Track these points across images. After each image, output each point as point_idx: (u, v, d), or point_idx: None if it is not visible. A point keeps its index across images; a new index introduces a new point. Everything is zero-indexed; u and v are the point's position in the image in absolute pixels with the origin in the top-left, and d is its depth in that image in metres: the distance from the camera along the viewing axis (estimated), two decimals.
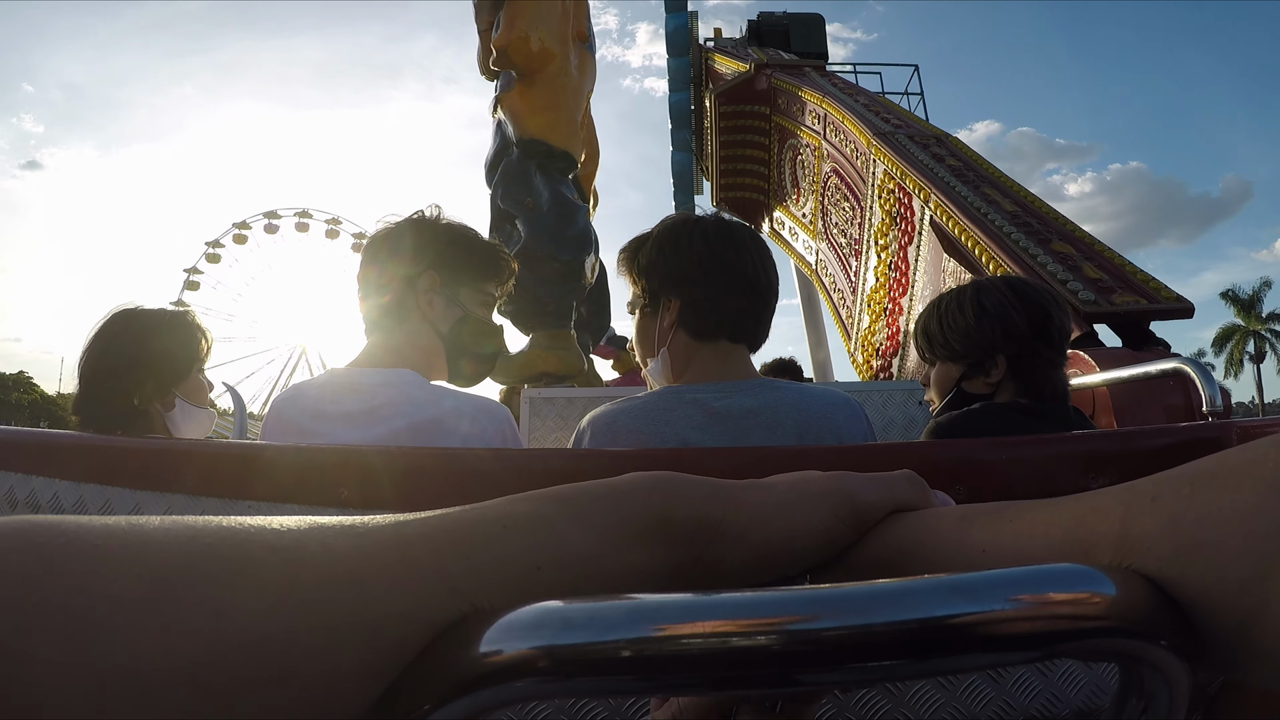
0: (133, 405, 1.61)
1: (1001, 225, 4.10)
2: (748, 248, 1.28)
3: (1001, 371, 1.56)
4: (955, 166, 5.13)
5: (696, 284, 1.27)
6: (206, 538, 0.23)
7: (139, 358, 1.63)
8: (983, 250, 3.99)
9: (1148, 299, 3.59)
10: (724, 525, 0.34)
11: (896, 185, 5.31)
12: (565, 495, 0.32)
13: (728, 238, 1.27)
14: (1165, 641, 0.22)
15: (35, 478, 0.99)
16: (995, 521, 0.32)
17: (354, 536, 0.26)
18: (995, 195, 4.60)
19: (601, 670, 0.21)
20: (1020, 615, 0.22)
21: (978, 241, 4.07)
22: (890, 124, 5.96)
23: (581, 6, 4.14)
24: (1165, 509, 0.24)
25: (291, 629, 0.22)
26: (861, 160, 6.01)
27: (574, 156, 3.79)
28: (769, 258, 1.31)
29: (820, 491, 0.37)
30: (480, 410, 1.32)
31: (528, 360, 3.55)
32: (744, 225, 1.33)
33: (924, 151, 5.38)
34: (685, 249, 1.27)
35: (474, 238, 1.51)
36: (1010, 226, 4.09)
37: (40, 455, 1.01)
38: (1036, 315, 1.54)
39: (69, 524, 0.21)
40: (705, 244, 1.26)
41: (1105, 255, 3.95)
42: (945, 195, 4.58)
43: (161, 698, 0.19)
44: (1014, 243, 3.92)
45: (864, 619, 0.22)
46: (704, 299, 1.27)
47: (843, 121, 6.32)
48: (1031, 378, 1.54)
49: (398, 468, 0.82)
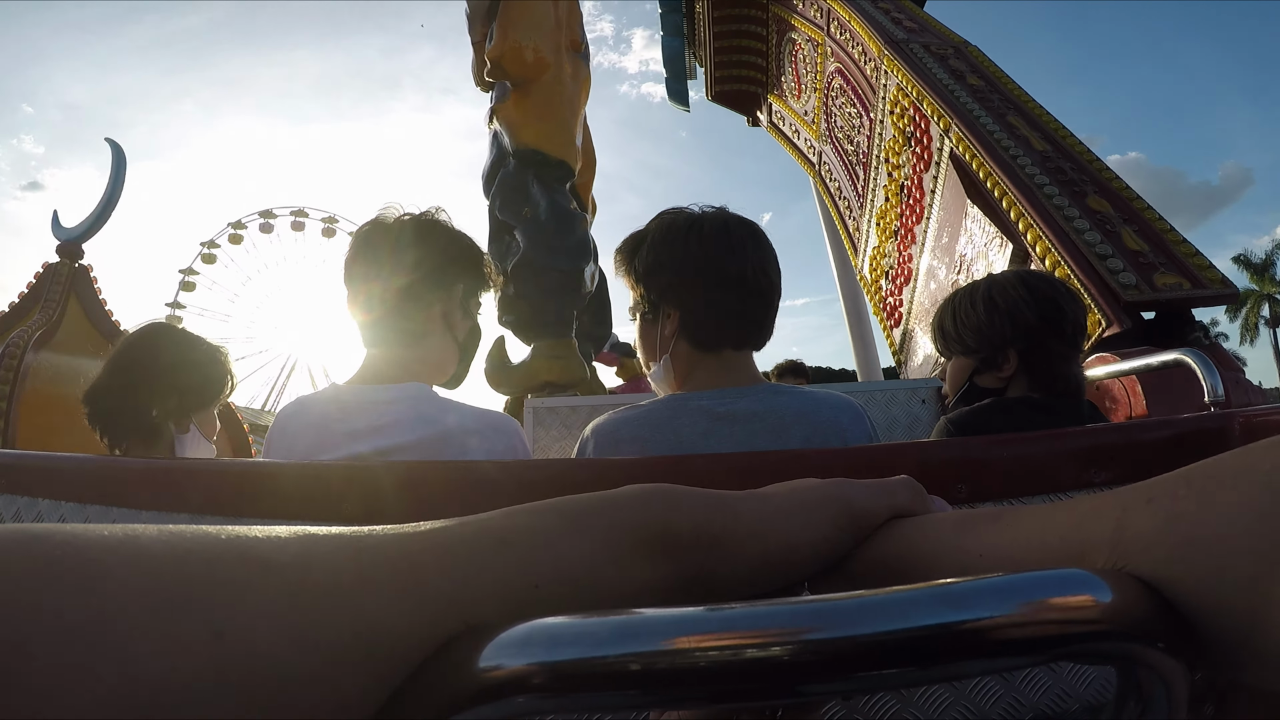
0: (151, 417, 1.60)
1: (1033, 174, 3.48)
2: (747, 249, 1.25)
3: (1013, 366, 1.57)
4: (977, 87, 4.35)
5: (696, 295, 1.25)
6: (205, 552, 0.22)
7: (173, 373, 1.63)
8: (1011, 203, 3.44)
9: (1193, 281, 2.97)
10: (723, 537, 0.34)
11: (912, 106, 4.55)
12: (564, 508, 0.32)
13: (726, 241, 1.25)
14: (1162, 643, 0.22)
15: (42, 500, 0.99)
16: (992, 526, 0.32)
17: (353, 552, 0.25)
18: (1023, 128, 3.88)
19: (599, 686, 0.21)
20: (1017, 621, 0.22)
21: (1006, 191, 3.49)
22: (903, 28, 5.04)
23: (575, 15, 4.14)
24: (1162, 510, 0.24)
25: (291, 648, 0.22)
26: (871, 67, 5.17)
27: (571, 165, 3.78)
28: (770, 256, 1.29)
29: (818, 500, 0.37)
30: (490, 425, 1.30)
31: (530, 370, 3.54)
32: (744, 222, 1.30)
33: (942, 67, 4.56)
34: (682, 257, 1.25)
35: (477, 245, 1.47)
36: (1042, 176, 3.47)
37: (46, 477, 1.01)
38: (1048, 309, 1.54)
39: (65, 534, 0.21)
40: (702, 251, 1.24)
41: (1146, 216, 3.28)
42: (968, 128, 3.91)
43: (159, 716, 0.19)
44: (1046, 198, 3.32)
45: (862, 629, 0.22)
46: (704, 311, 1.25)
47: (849, 21, 5.39)
48: (1043, 372, 1.55)
49: (401, 481, 0.82)
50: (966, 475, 0.77)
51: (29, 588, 0.19)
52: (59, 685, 0.18)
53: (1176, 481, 0.24)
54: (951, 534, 0.33)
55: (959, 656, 0.22)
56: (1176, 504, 0.24)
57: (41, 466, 1.04)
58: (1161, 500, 0.24)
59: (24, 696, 0.17)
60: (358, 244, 1.39)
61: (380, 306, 1.35)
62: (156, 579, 0.21)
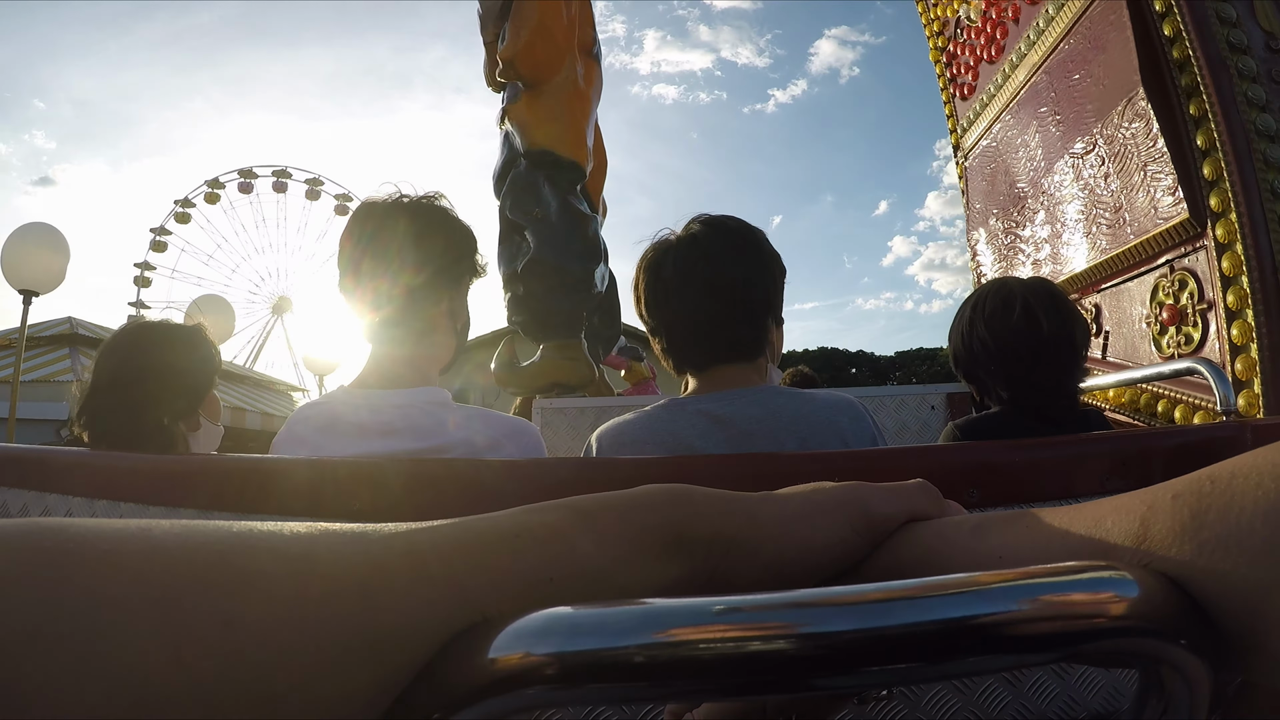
0: (161, 422, 1.53)
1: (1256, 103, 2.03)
2: (718, 259, 1.25)
3: (989, 388, 1.57)
4: None
5: (661, 326, 1.31)
6: (217, 544, 0.23)
7: (169, 373, 1.55)
8: (1215, 140, 2.03)
9: None
10: (739, 539, 0.34)
11: None
12: (580, 506, 0.32)
13: (694, 259, 1.25)
14: (1185, 642, 0.22)
15: (49, 495, 0.99)
16: (1012, 528, 0.31)
17: (364, 544, 0.25)
18: None
19: (611, 677, 0.21)
20: (1040, 615, 0.22)
21: (1213, 126, 2.04)
22: None
23: (587, 16, 4.14)
24: (1187, 506, 0.24)
25: (302, 640, 0.22)
26: None
27: (582, 166, 3.78)
28: (756, 264, 1.28)
29: (835, 503, 0.36)
30: (508, 433, 1.28)
31: (539, 370, 3.55)
32: (726, 230, 1.29)
33: None
34: (647, 293, 1.30)
35: (473, 233, 1.43)
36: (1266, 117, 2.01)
37: (53, 473, 1.01)
38: (981, 334, 1.55)
39: (78, 527, 0.21)
40: (662, 286, 1.27)
41: None
42: None
43: (170, 709, 0.19)
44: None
45: (880, 621, 0.21)
46: (669, 340, 1.31)
47: None
48: (1023, 387, 1.53)
49: (410, 479, 0.82)
50: (979, 480, 0.77)
51: (44, 579, 0.19)
52: (71, 674, 0.18)
53: (1201, 480, 0.24)
54: (970, 537, 0.33)
55: (978, 651, 0.21)
56: (1201, 502, 0.23)
57: (49, 462, 1.05)
58: (1186, 498, 0.24)
59: (38, 685, 0.18)
60: (361, 237, 1.34)
61: (389, 304, 1.32)
62: (168, 570, 0.21)
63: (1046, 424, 1.47)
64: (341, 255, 1.37)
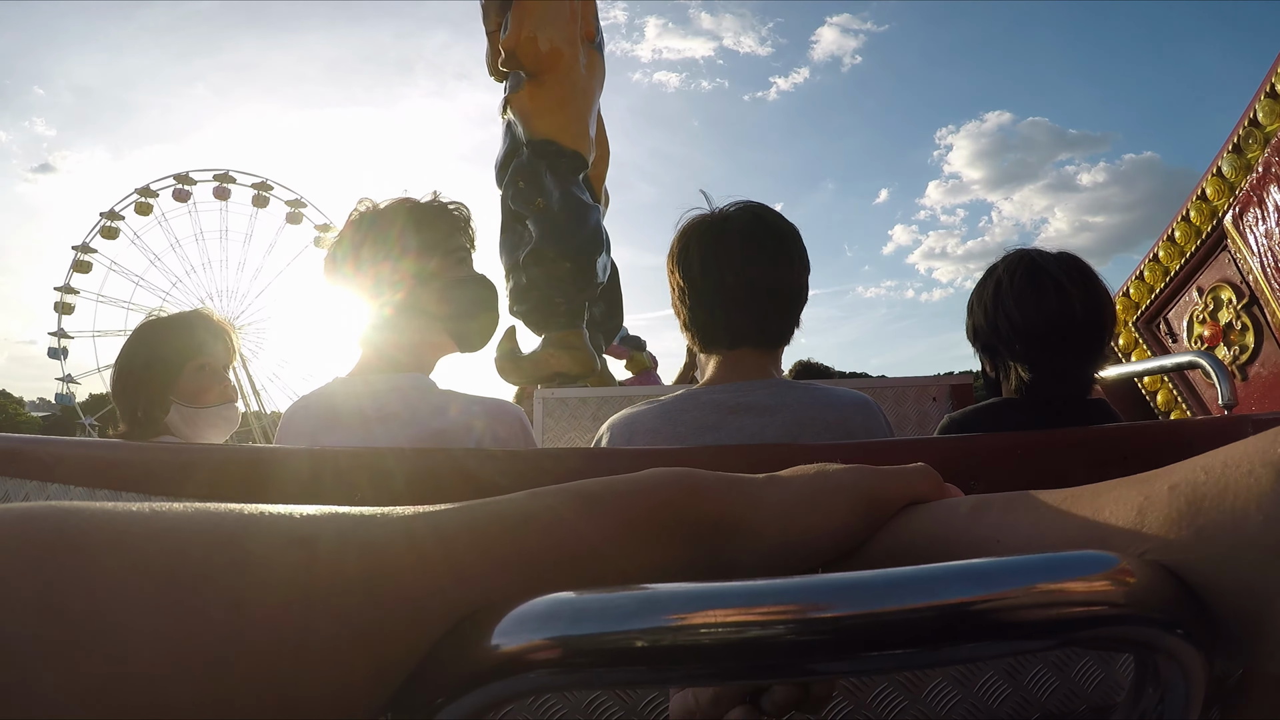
0: (137, 418, 1.65)
1: None
2: (754, 252, 1.25)
3: (1009, 366, 1.51)
4: None
5: (693, 300, 1.28)
6: (226, 526, 0.23)
7: (127, 369, 1.68)
8: None
9: None
10: (743, 522, 0.34)
11: None
12: (585, 490, 0.32)
13: (733, 245, 1.25)
14: (1182, 630, 0.22)
15: (51, 485, 1.00)
16: (1010, 512, 0.32)
17: (370, 528, 0.26)
18: None
19: (614, 661, 0.21)
20: (1037, 602, 0.22)
21: None
22: None
23: (590, 6, 4.11)
24: (1183, 494, 0.24)
25: (308, 619, 0.22)
26: None
27: (584, 156, 3.77)
28: (788, 257, 1.28)
29: (837, 486, 0.37)
30: (490, 413, 1.29)
31: (540, 360, 3.54)
32: (762, 224, 1.28)
33: None
34: (682, 265, 1.28)
35: (440, 206, 1.42)
36: None
37: (54, 463, 1.01)
38: (993, 308, 1.49)
39: (94, 509, 0.21)
40: (700, 260, 1.26)
41: None
42: None
43: (177, 685, 0.19)
44: None
45: (879, 605, 0.21)
46: (701, 315, 1.28)
47: None
48: (1045, 372, 1.48)
49: (411, 469, 0.82)
50: (978, 471, 0.77)
51: (59, 560, 0.19)
52: (85, 650, 0.18)
53: (1197, 468, 0.24)
54: (968, 519, 0.33)
55: (975, 637, 0.21)
56: (1196, 491, 0.23)
57: (49, 452, 1.05)
58: (1183, 487, 0.24)
59: (54, 660, 0.18)
60: (362, 224, 1.37)
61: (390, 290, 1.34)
62: (178, 551, 0.21)
63: (1045, 416, 1.45)
64: (341, 242, 1.38)
